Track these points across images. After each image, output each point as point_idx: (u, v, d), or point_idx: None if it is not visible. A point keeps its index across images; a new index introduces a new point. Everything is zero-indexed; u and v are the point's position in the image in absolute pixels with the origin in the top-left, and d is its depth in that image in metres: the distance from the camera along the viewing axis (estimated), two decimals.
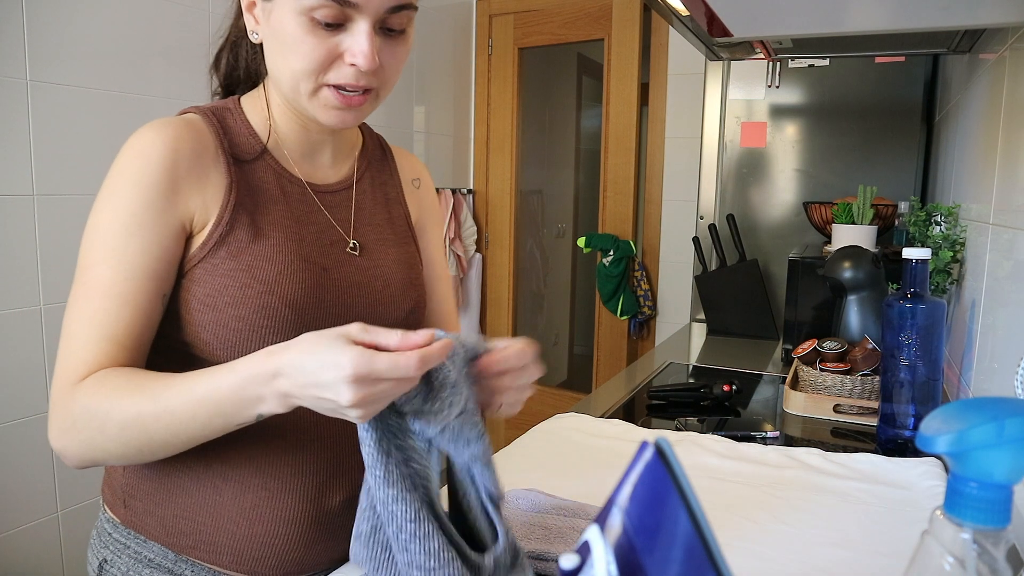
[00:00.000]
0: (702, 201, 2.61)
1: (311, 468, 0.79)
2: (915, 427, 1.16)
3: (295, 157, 0.82)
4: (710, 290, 2.29)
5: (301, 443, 0.78)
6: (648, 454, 0.37)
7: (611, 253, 2.86)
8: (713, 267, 2.42)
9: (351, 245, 0.82)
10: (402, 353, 0.56)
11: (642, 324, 2.93)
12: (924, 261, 1.14)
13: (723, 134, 2.51)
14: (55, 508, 1.77)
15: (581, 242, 2.95)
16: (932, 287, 1.43)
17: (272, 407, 0.62)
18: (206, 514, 0.77)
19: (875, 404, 1.32)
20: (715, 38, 1.41)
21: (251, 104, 0.82)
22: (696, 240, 2.48)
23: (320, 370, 0.56)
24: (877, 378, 1.35)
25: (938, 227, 1.57)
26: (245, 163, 0.78)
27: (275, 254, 0.75)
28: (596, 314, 3.08)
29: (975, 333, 1.25)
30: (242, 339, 0.73)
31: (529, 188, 3.41)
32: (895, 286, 1.54)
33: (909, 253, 1.14)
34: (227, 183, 0.75)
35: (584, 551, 0.38)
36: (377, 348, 0.58)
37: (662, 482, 0.36)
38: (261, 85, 0.83)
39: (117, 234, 0.69)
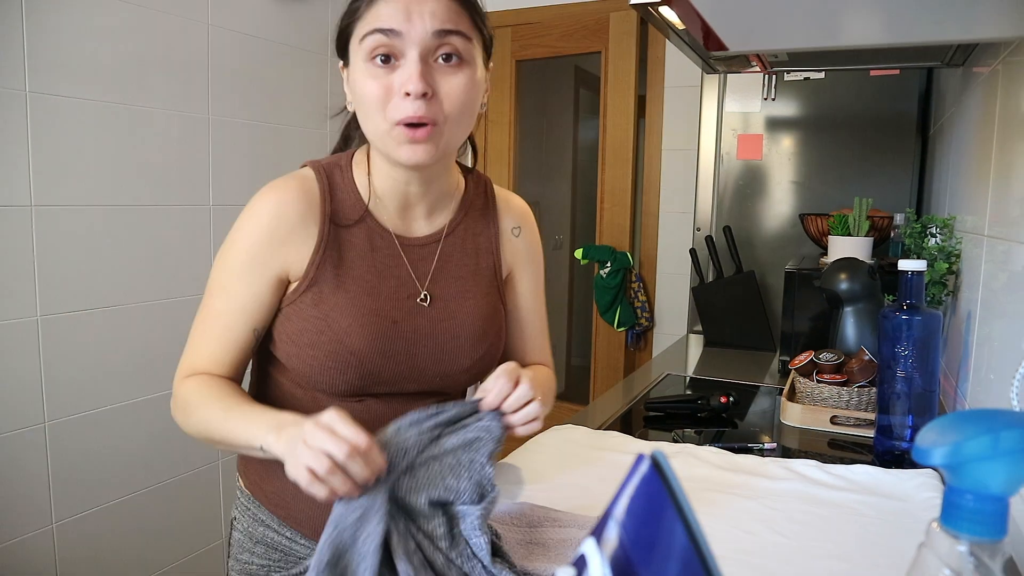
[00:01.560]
0: (699, 213, 2.61)
1: None
2: (912, 439, 1.16)
3: (391, 211, 0.92)
4: (707, 302, 2.30)
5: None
6: (644, 466, 0.37)
7: (608, 264, 2.86)
8: (710, 279, 2.42)
9: (422, 296, 0.91)
10: (362, 432, 0.68)
11: (639, 335, 2.93)
12: (920, 273, 1.14)
13: (719, 146, 2.52)
14: (50, 520, 1.76)
15: (578, 253, 2.95)
16: (928, 299, 1.44)
17: (270, 441, 0.74)
18: (294, 490, 0.84)
19: (872, 416, 1.32)
20: (711, 51, 1.41)
21: (359, 161, 0.93)
22: (693, 252, 2.49)
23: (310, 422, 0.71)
24: (874, 390, 1.35)
25: (934, 239, 1.57)
26: (343, 226, 0.89)
27: (350, 307, 0.87)
28: (593, 325, 3.08)
29: (971, 344, 1.25)
30: (315, 372, 0.87)
31: (526, 199, 3.41)
32: (891, 298, 1.55)
33: (905, 265, 1.14)
34: (319, 241, 0.87)
35: (580, 564, 0.38)
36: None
37: (658, 495, 0.36)
38: (366, 146, 0.93)
39: (229, 276, 0.87)
